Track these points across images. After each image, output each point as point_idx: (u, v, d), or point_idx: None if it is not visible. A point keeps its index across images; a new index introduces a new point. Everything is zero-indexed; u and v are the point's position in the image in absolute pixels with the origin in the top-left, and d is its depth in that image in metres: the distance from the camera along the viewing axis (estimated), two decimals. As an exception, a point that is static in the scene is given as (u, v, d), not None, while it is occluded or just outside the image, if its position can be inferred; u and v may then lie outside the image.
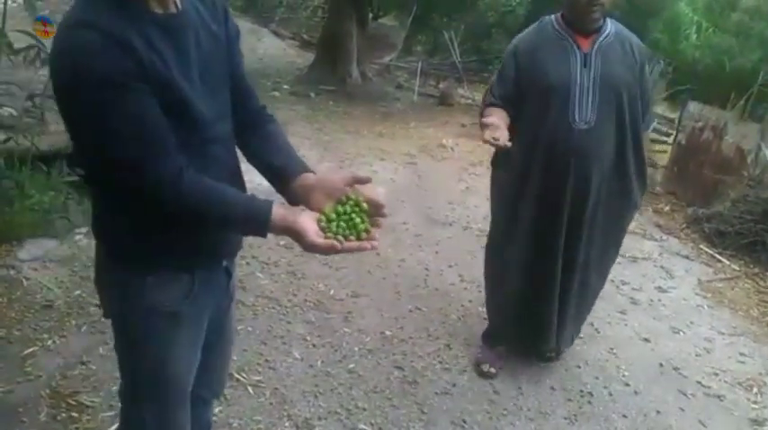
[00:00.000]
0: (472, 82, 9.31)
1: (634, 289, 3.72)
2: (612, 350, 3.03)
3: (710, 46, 7.68)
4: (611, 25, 2.37)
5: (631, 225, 2.80)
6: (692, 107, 5.93)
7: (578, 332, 2.86)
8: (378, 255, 3.51)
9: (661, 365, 2.98)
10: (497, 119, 2.22)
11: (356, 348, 2.76)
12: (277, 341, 2.73)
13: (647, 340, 3.18)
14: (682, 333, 3.31)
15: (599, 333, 3.16)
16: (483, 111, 2.38)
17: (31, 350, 2.42)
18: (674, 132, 6.73)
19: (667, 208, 5.34)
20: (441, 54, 10.69)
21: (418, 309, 3.15)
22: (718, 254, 4.42)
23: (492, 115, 2.26)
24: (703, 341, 3.25)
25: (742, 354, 3.17)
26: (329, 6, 9.56)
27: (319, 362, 2.63)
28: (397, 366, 2.68)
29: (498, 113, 2.30)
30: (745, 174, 5.00)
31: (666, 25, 8.49)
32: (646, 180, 2.57)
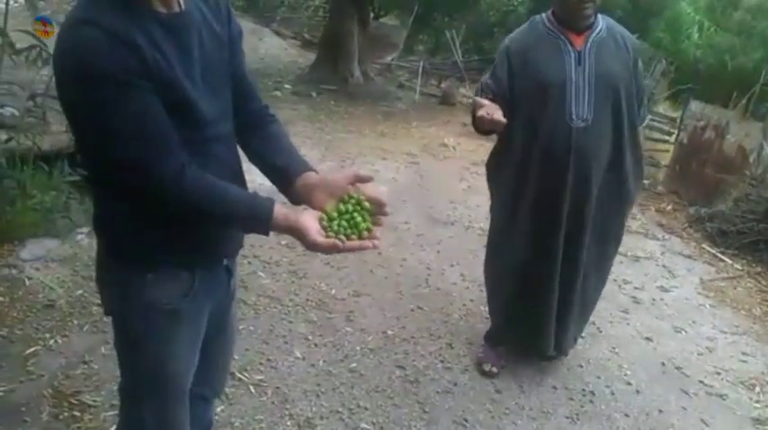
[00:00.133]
0: (474, 81, 9.26)
1: (636, 288, 3.72)
2: (615, 349, 3.03)
3: (712, 45, 7.68)
4: (602, 21, 2.36)
5: (634, 224, 2.79)
6: (694, 106, 5.93)
7: (581, 332, 2.86)
8: (379, 254, 3.51)
9: (663, 364, 2.97)
10: (491, 104, 2.21)
11: (358, 347, 2.76)
12: (279, 340, 2.73)
13: (649, 339, 3.17)
14: (684, 332, 3.30)
15: (601, 332, 3.16)
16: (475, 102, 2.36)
17: (33, 349, 2.42)
18: (676, 131, 6.74)
19: (669, 207, 5.34)
20: (442, 53, 10.70)
21: (420, 308, 3.15)
22: (721, 253, 4.41)
23: (486, 104, 2.24)
24: (705, 340, 3.25)
25: (744, 354, 3.17)
26: (330, 6, 9.58)
27: (321, 362, 2.63)
28: (398, 365, 2.68)
29: (491, 103, 2.28)
30: (748, 174, 5.00)
31: (668, 24, 8.49)
32: (642, 175, 2.56)
